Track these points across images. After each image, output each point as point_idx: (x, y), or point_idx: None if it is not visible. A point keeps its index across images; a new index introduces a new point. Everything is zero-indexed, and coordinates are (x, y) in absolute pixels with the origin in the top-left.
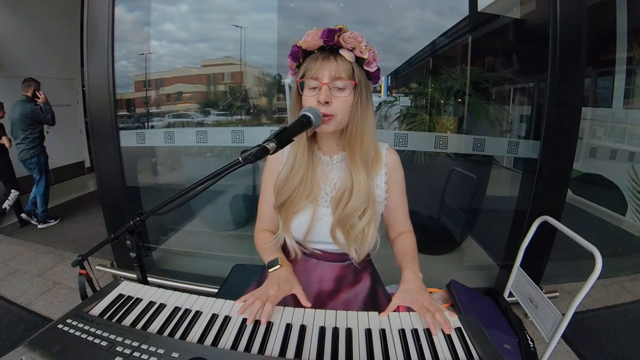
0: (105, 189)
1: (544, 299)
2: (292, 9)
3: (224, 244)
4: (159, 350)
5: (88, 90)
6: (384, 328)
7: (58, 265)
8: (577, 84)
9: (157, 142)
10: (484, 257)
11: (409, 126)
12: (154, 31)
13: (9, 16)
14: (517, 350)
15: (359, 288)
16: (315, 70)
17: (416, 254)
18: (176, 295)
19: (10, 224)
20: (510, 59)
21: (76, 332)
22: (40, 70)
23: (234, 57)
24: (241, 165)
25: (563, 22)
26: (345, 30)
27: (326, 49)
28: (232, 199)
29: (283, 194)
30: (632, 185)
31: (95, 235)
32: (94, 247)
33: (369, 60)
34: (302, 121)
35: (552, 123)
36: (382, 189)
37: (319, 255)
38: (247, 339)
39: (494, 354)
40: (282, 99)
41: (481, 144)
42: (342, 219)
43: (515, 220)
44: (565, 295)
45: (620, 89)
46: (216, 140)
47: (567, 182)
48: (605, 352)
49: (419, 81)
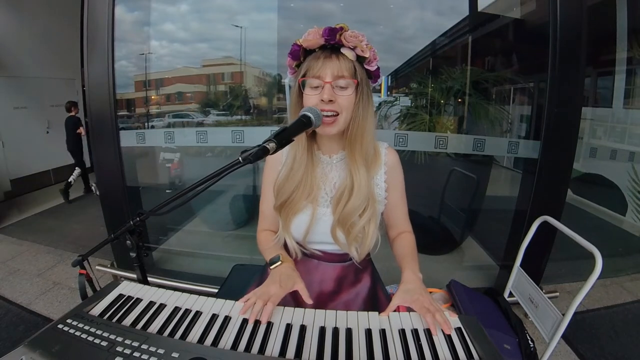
0: (105, 189)
1: (544, 299)
2: (292, 9)
3: (224, 244)
4: (159, 350)
5: (88, 90)
6: (384, 328)
7: (58, 265)
8: (577, 84)
9: (157, 142)
10: (484, 257)
11: (409, 126)
12: (154, 31)
13: (9, 16)
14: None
15: (359, 288)
16: (317, 69)
17: (416, 253)
18: (176, 295)
19: (10, 223)
20: (510, 59)
21: (76, 332)
22: (40, 70)
23: (234, 57)
24: (241, 165)
25: (563, 22)
26: (347, 29)
27: (327, 48)
28: (232, 199)
29: (283, 194)
30: (632, 185)
31: (95, 235)
32: (94, 247)
33: (370, 59)
34: (302, 121)
35: (552, 123)
36: (381, 188)
37: (320, 256)
38: (247, 339)
39: (494, 354)
40: (282, 99)
41: (481, 144)
42: (343, 218)
43: (515, 220)
44: (565, 295)
45: (621, 89)
46: (216, 140)
47: (567, 182)
48: (605, 352)
49: (419, 81)
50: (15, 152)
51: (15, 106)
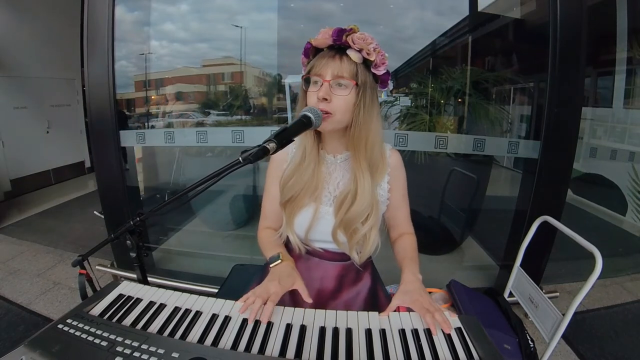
0: (105, 189)
1: (544, 299)
2: (292, 9)
3: (224, 244)
4: (159, 350)
5: (88, 90)
6: (384, 328)
7: (58, 265)
8: (577, 84)
9: (157, 142)
10: (484, 257)
11: (409, 126)
12: (154, 31)
13: (9, 16)
14: (517, 350)
15: (360, 287)
16: (320, 67)
17: (416, 255)
18: (176, 295)
19: (10, 223)
20: (511, 59)
21: (76, 332)
22: (40, 70)
23: (234, 57)
24: (241, 165)
25: (563, 22)
26: (356, 31)
27: (334, 48)
28: (232, 199)
29: (290, 191)
30: (632, 185)
31: (95, 235)
32: (94, 247)
33: (377, 62)
34: (302, 121)
35: (552, 123)
36: (384, 189)
37: (321, 254)
38: (247, 339)
39: (494, 354)
40: (282, 99)
41: (481, 144)
42: (345, 222)
43: (515, 220)
44: (565, 295)
45: (621, 89)
46: (216, 140)
47: (567, 182)
48: (605, 352)
49: (419, 81)
50: (15, 152)
51: (15, 106)
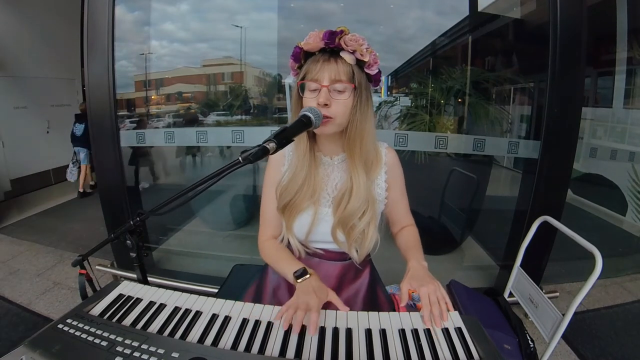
0: (105, 189)
1: (544, 299)
2: (292, 9)
3: (224, 244)
4: (159, 350)
5: (88, 90)
6: (384, 328)
7: (58, 265)
8: (577, 84)
9: (157, 142)
10: (484, 257)
11: (409, 126)
12: (154, 31)
13: (9, 16)
14: (517, 351)
15: (358, 284)
16: (315, 73)
17: (420, 245)
18: (176, 295)
19: (10, 223)
20: (511, 59)
21: (76, 332)
22: (40, 70)
23: (234, 57)
24: (241, 165)
25: (563, 22)
26: (347, 33)
27: (327, 51)
28: (232, 199)
29: (286, 196)
30: (632, 185)
31: (95, 235)
32: (94, 247)
33: (370, 62)
34: (302, 121)
35: (552, 123)
36: (382, 188)
37: (321, 254)
38: (247, 339)
39: (494, 354)
40: (282, 99)
41: (481, 144)
42: (343, 220)
43: (515, 220)
44: (565, 295)
45: (621, 89)
46: (216, 140)
47: (567, 182)
48: (605, 352)
49: (419, 81)
50: (15, 152)
51: (16, 106)
